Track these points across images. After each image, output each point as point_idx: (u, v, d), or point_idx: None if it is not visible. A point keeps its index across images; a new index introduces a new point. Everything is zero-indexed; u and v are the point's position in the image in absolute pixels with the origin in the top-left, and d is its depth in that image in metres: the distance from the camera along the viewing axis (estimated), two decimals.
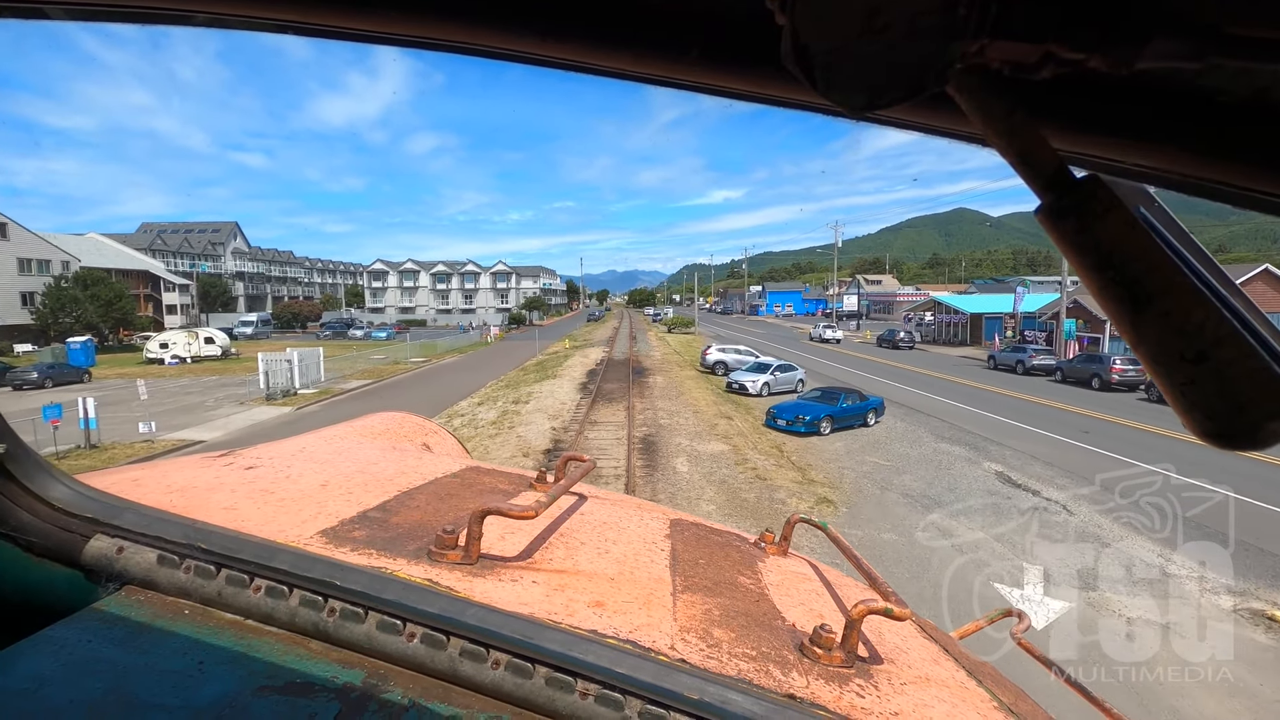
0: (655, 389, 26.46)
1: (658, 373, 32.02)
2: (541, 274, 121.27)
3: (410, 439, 2.13)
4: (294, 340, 62.60)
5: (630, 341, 53.40)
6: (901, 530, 10.99)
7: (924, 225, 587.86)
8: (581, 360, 38.55)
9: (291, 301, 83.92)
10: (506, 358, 44.23)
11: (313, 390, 29.70)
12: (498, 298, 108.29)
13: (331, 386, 31.29)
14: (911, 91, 0.31)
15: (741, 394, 25.51)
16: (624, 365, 35.03)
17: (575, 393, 25.62)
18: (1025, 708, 1.09)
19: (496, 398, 25.42)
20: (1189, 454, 15.14)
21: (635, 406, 22.02)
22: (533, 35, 0.44)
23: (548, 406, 22.62)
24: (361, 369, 37.80)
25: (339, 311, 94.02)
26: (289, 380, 29.65)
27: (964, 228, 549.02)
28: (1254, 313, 0.34)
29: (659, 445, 16.81)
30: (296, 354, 31.36)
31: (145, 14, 0.52)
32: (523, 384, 29.11)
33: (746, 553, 1.43)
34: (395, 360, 42.52)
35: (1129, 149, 0.38)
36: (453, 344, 54.15)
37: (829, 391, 20.49)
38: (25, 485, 0.99)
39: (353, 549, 1.04)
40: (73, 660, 0.81)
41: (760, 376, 25.82)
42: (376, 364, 40.73)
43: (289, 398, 27.33)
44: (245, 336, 64.45)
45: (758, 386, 25.45)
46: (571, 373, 32.44)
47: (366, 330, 66.95)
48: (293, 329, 74.56)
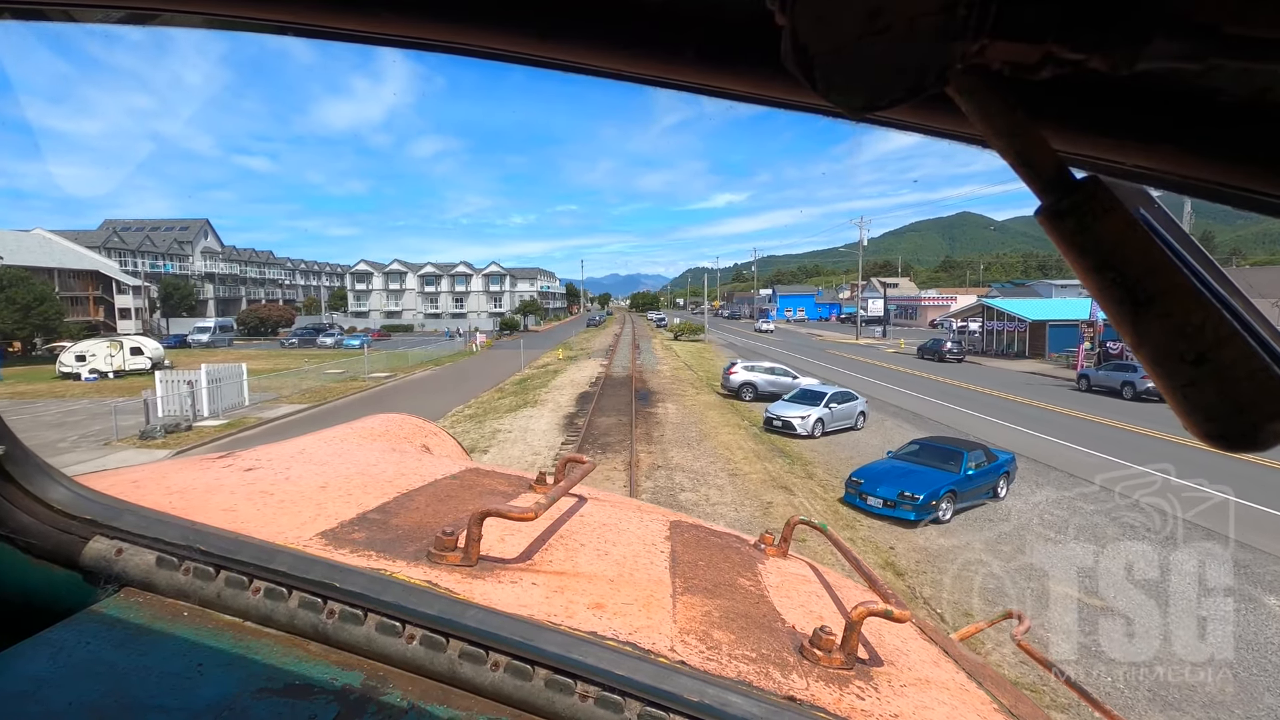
0: (667, 426, 19.54)
1: (668, 398, 25.02)
2: (539, 276, 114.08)
3: (410, 441, 2.10)
4: (257, 349, 55.85)
5: (633, 351, 46.25)
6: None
7: (928, 229, 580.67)
8: (573, 377, 31.62)
9: (259, 305, 76.65)
10: (488, 372, 37.34)
11: (219, 422, 22.82)
12: (491, 301, 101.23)
13: (249, 415, 24.41)
14: (911, 92, 0.31)
15: (785, 433, 18.58)
16: (625, 385, 28.05)
17: (556, 432, 18.73)
18: (1025, 709, 1.10)
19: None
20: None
21: (640, 463, 15.10)
22: (531, 35, 0.43)
23: (514, 458, 15.76)
24: (305, 388, 30.92)
25: (319, 316, 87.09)
26: (188, 408, 22.85)
27: (968, 231, 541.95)
28: (1254, 313, 0.34)
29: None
30: (206, 372, 24.57)
31: (145, 14, 0.52)
32: (491, 414, 22.21)
33: (746, 555, 1.42)
34: (353, 375, 35.63)
35: (1129, 149, 0.38)
36: (430, 354, 47.13)
37: (938, 447, 13.33)
38: (25, 487, 0.99)
39: (352, 550, 1.04)
40: (72, 662, 0.81)
41: (810, 410, 18.74)
42: (327, 381, 33.85)
43: (177, 434, 20.46)
44: (200, 345, 57.32)
45: (808, 425, 18.43)
46: (558, 396, 25.52)
47: (338, 338, 59.52)
48: (261, 335, 67.62)
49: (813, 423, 18.44)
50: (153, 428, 20.12)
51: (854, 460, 15.82)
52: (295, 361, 42.83)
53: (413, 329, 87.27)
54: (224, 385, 25.39)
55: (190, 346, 56.45)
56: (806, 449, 17.36)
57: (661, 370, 34.98)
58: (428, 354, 46.74)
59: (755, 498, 12.67)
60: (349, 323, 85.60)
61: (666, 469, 14.68)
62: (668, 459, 15.57)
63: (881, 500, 11.73)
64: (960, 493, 11.94)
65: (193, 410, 23.01)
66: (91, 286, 60.68)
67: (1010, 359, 42.21)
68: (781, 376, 25.27)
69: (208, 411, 23.77)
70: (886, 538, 10.95)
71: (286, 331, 65.38)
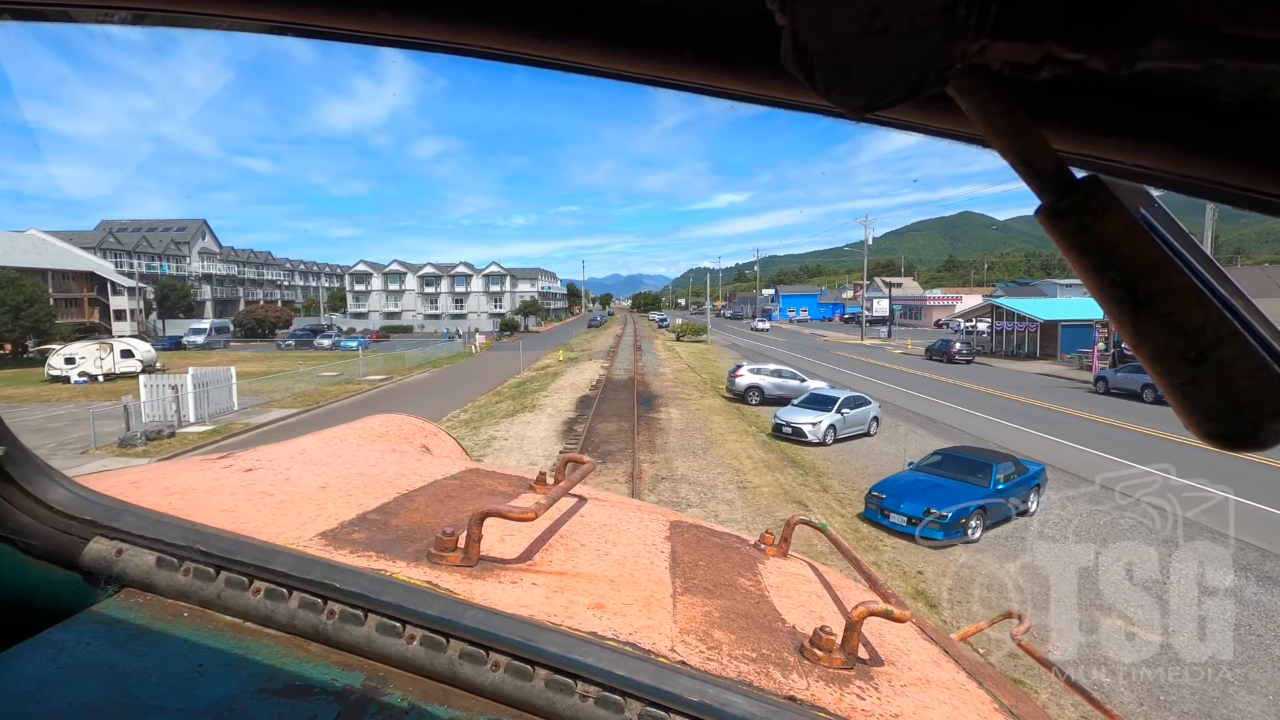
0: (671, 431, 18.65)
1: (671, 401, 24.14)
2: (540, 276, 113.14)
3: (410, 441, 2.10)
4: (254, 351, 54.99)
5: (634, 353, 45.33)
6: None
7: (929, 229, 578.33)
8: (574, 380, 30.73)
9: (256, 306, 75.75)
10: (487, 374, 36.49)
11: (205, 427, 21.97)
12: (491, 302, 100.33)
13: (237, 421, 23.57)
14: (911, 92, 0.31)
15: (796, 440, 17.67)
16: (627, 388, 27.19)
17: (555, 439, 17.84)
18: (1025, 709, 1.10)
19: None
20: None
21: (643, 473, 14.19)
22: (532, 35, 0.43)
23: (510, 466, 14.86)
24: (298, 392, 30.06)
25: (318, 317, 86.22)
26: (174, 414, 22.01)
27: (970, 231, 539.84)
28: (1254, 313, 0.34)
29: None
30: (193, 376, 23.70)
31: (145, 14, 0.52)
32: (488, 420, 21.33)
33: (746, 555, 1.41)
34: (349, 379, 34.78)
35: (1129, 149, 0.38)
36: (428, 356, 46.21)
37: (964, 458, 12.34)
38: (25, 488, 0.99)
39: (352, 551, 1.04)
40: (72, 663, 0.81)
41: (821, 416, 17.79)
42: (322, 384, 32.99)
43: (159, 441, 19.60)
44: (195, 346, 56.49)
45: (819, 431, 17.50)
46: (557, 400, 24.64)
47: (335, 339, 58.49)
48: (258, 337, 66.77)
49: (824, 429, 17.52)
50: (133, 435, 19.25)
51: (870, 471, 14.91)
52: (291, 364, 41.87)
53: (412, 330, 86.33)
54: (212, 389, 24.53)
55: (185, 348, 55.58)
56: (819, 457, 16.45)
57: (664, 372, 34.08)
58: (425, 356, 45.82)
59: (768, 514, 11.77)
60: (348, 324, 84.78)
61: (671, 480, 13.77)
62: (672, 469, 14.66)
63: (905, 517, 10.79)
64: (990, 509, 11.03)
65: (177, 416, 22.15)
66: (86, 288, 59.89)
67: (1021, 360, 41.20)
68: (789, 379, 24.34)
69: (194, 417, 22.91)
70: (913, 560, 10.04)
71: (284, 333, 64.41)
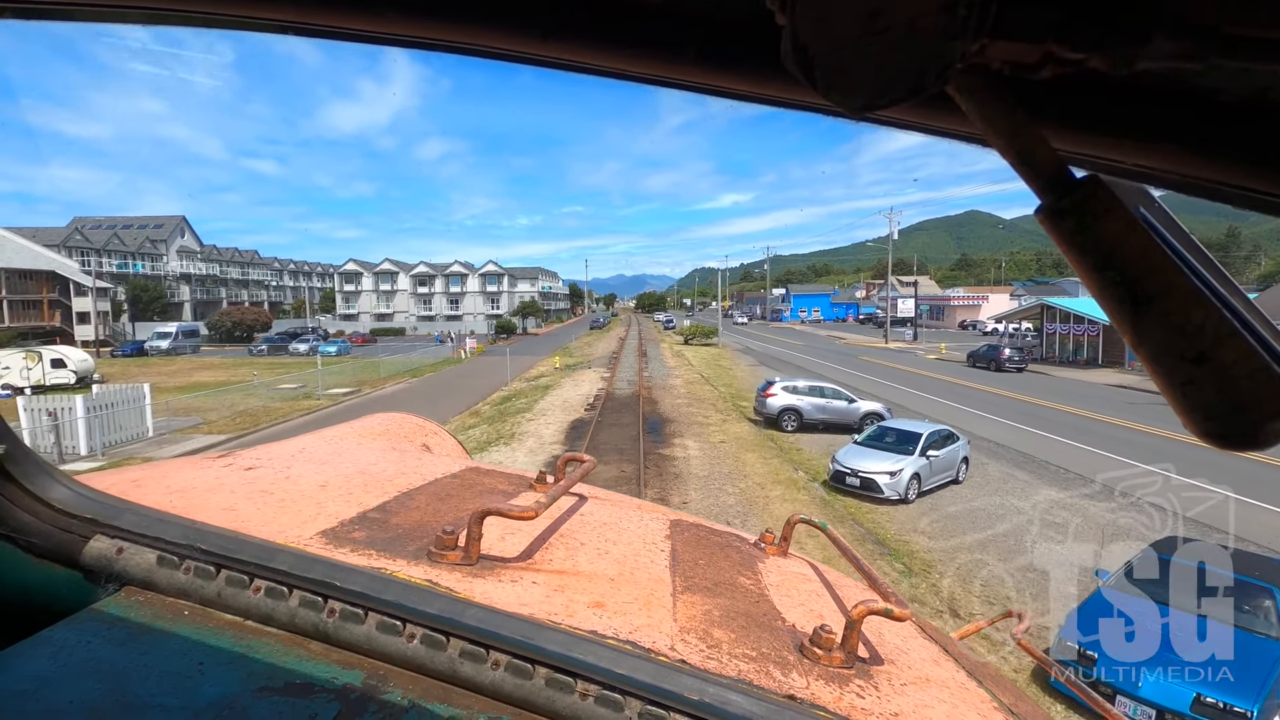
0: (690, 482, 13.73)
1: (686, 429, 19.17)
2: (540, 276, 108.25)
3: (410, 440, 2.10)
4: (223, 358, 50.29)
5: (639, 359, 40.32)
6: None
7: (935, 228, 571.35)
8: (567, 396, 25.87)
9: (233, 308, 70.86)
10: (472, 385, 31.68)
11: (97, 464, 17.19)
12: (488, 302, 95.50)
13: (142, 452, 18.80)
14: (912, 92, 0.31)
15: (865, 495, 12.76)
16: (630, 409, 22.26)
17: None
18: (1025, 708, 1.09)
19: None
20: None
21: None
22: (534, 35, 0.43)
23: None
24: (241, 410, 25.33)
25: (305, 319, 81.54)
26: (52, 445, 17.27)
27: (976, 230, 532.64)
28: (1254, 313, 0.34)
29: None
30: (87, 399, 18.94)
31: (147, 14, 0.52)
32: None
33: (746, 553, 1.42)
34: (308, 392, 30.02)
35: (1129, 149, 0.38)
36: (409, 363, 41.33)
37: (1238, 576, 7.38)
38: (25, 486, 0.99)
39: (352, 550, 1.04)
40: (72, 661, 0.81)
41: (901, 462, 12.77)
42: (275, 399, 28.25)
43: None
44: (159, 352, 51.70)
45: (900, 485, 12.47)
46: (544, 426, 19.79)
47: (313, 344, 53.64)
48: (236, 340, 62.13)
49: (906, 481, 12.52)
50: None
51: (986, 562, 9.97)
52: (262, 370, 37.34)
53: (404, 332, 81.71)
54: (118, 411, 19.79)
55: (149, 354, 51.00)
56: (907, 526, 11.55)
57: (674, 385, 29.13)
58: (406, 363, 40.94)
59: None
60: (338, 326, 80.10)
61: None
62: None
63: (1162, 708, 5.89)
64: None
65: (58, 448, 17.47)
66: (46, 289, 55.42)
67: (1080, 368, 36.15)
68: (834, 399, 19.38)
69: (84, 448, 18.21)
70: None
71: (260, 337, 59.66)
